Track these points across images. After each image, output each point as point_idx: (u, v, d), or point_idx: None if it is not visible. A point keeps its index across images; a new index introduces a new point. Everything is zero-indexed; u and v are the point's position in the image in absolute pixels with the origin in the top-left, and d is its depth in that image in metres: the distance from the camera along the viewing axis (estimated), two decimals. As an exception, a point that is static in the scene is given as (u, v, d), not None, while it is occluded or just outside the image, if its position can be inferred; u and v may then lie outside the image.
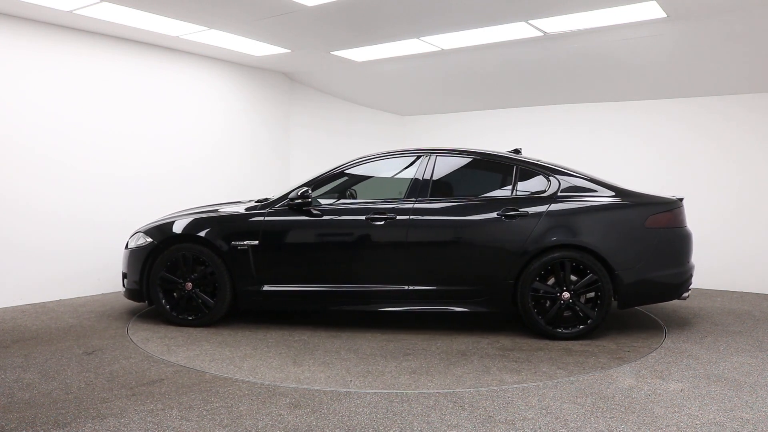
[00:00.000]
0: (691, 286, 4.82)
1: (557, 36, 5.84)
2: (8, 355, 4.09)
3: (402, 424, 2.97)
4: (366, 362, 4.02)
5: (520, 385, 3.53)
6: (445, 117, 9.13)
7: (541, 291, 4.57)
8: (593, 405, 3.21)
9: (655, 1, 4.84)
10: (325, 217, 4.88)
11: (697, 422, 2.99)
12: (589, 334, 4.58)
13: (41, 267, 5.82)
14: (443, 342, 4.52)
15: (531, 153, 5.68)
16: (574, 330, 4.56)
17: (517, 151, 5.34)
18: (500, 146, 6.13)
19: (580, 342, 4.48)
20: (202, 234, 4.96)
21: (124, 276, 5.23)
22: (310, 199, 4.87)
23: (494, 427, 2.93)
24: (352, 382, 3.60)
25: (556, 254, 4.55)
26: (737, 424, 2.96)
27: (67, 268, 6.02)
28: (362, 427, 2.92)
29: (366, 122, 9.24)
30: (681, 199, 4.80)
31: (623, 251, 4.54)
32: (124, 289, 5.26)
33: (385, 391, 3.44)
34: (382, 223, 4.75)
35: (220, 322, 5.07)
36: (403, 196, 4.86)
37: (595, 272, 4.51)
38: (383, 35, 6.05)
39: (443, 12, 5.28)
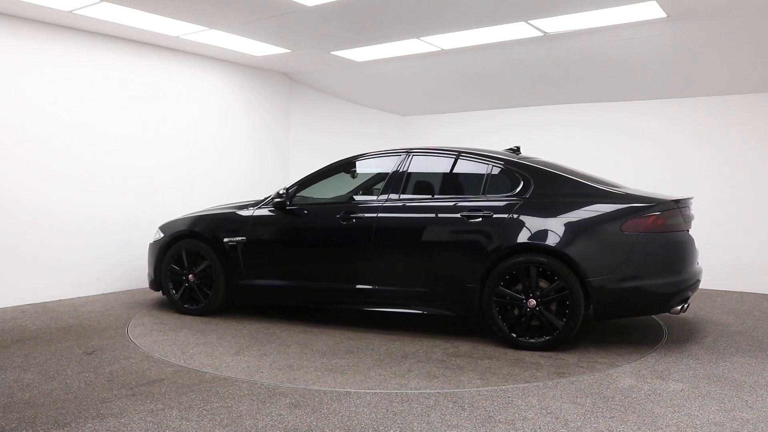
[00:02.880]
0: (689, 299, 4.33)
1: (557, 36, 5.85)
2: (8, 355, 4.09)
3: (402, 424, 2.97)
4: (300, 357, 4.12)
5: (520, 385, 3.53)
6: (445, 117, 9.12)
7: (507, 297, 4.28)
8: (593, 405, 3.21)
9: (655, 1, 4.85)
10: (302, 216, 5.05)
11: (697, 422, 2.99)
12: (558, 345, 4.21)
13: (41, 267, 5.82)
14: (401, 343, 4.47)
15: (531, 153, 5.67)
16: (539, 340, 4.22)
17: (515, 150, 5.16)
18: (500, 146, 6.12)
19: (542, 353, 4.16)
20: (201, 231, 5.34)
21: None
22: (283, 199, 5.08)
23: (494, 427, 2.93)
24: (264, 375, 3.72)
25: (521, 258, 4.24)
26: (737, 424, 2.96)
27: (67, 268, 6.02)
28: (362, 427, 2.92)
29: (366, 122, 9.24)
30: (678, 200, 4.34)
31: (596, 257, 4.12)
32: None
33: (386, 391, 3.44)
34: (353, 222, 4.78)
35: (221, 313, 5.42)
36: (376, 196, 4.87)
37: (563, 279, 4.13)
38: (383, 35, 6.05)
39: (443, 12, 5.28)
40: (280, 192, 5.13)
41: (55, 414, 3.07)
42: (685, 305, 4.27)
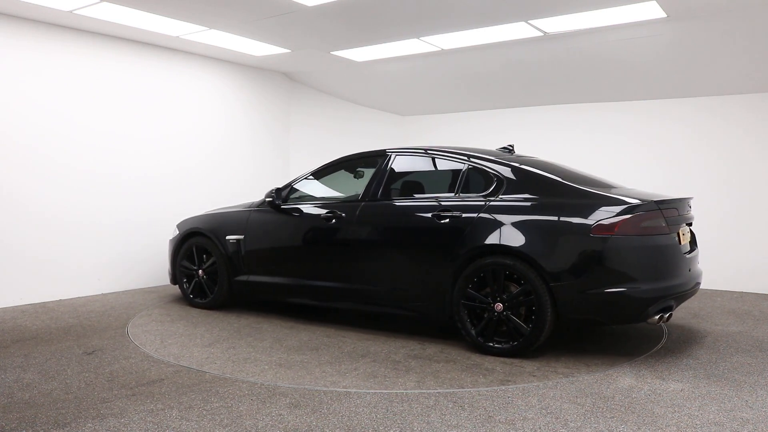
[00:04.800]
0: (672, 309, 4.04)
1: (557, 36, 5.85)
2: (8, 355, 4.09)
3: (402, 424, 2.97)
4: (262, 351, 4.25)
5: (520, 385, 3.53)
6: (445, 117, 9.13)
7: (476, 300, 4.15)
8: (593, 405, 3.21)
9: (655, 1, 4.84)
10: (291, 216, 5.16)
11: (697, 422, 2.99)
12: (524, 351, 4.03)
13: (41, 267, 5.82)
14: (372, 342, 4.49)
15: (532, 153, 5.67)
16: (505, 346, 4.06)
17: (508, 149, 5.05)
18: (499, 146, 6.12)
19: (504, 359, 4.01)
20: (208, 229, 5.61)
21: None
22: (272, 199, 5.23)
23: (494, 427, 2.93)
24: (214, 366, 3.89)
25: (488, 260, 4.11)
26: (737, 424, 2.96)
27: (67, 268, 6.02)
28: (362, 427, 2.92)
29: (366, 122, 9.24)
30: (660, 201, 4.06)
31: (561, 260, 3.92)
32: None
33: (386, 391, 3.44)
34: (334, 222, 4.84)
35: (228, 307, 5.71)
36: (359, 197, 4.88)
37: (529, 282, 3.96)
38: (383, 35, 6.05)
39: (443, 12, 5.28)
40: (271, 191, 5.28)
41: (55, 414, 3.07)
42: (666, 315, 3.98)
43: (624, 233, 3.85)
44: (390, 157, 4.91)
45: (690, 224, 4.58)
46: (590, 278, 3.87)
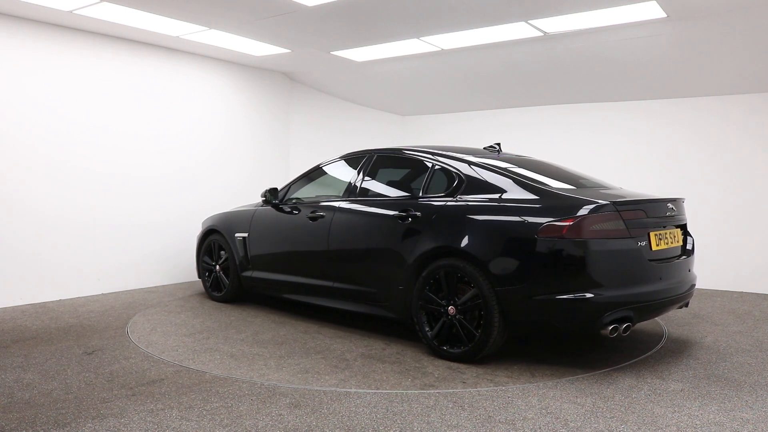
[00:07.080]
0: (632, 320, 3.70)
1: (557, 36, 5.84)
2: (8, 355, 4.09)
3: (402, 424, 2.97)
4: (229, 343, 4.43)
5: (521, 385, 3.53)
6: (445, 117, 9.13)
7: (433, 303, 4.06)
8: (593, 405, 3.21)
9: (655, 1, 4.84)
10: (285, 215, 5.35)
11: (697, 422, 2.99)
12: (475, 356, 3.89)
13: (41, 267, 5.82)
14: (342, 340, 4.54)
15: (531, 153, 5.66)
16: (457, 350, 3.95)
17: (495, 148, 4.93)
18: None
19: (450, 364, 3.92)
20: (222, 227, 5.93)
21: None
22: (267, 198, 5.49)
23: (494, 427, 2.93)
24: (174, 354, 4.11)
25: (441, 262, 4.03)
26: (737, 424, 2.96)
27: (67, 268, 6.02)
28: (362, 427, 2.92)
29: (366, 122, 9.24)
30: (619, 202, 3.74)
31: (508, 264, 3.74)
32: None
33: (386, 391, 3.44)
34: (315, 221, 4.96)
35: (241, 301, 6.02)
36: (338, 196, 4.97)
37: (478, 285, 3.81)
38: (383, 35, 6.05)
39: (443, 12, 5.28)
40: (266, 191, 5.53)
41: (55, 414, 3.07)
42: (622, 327, 3.67)
43: (573, 236, 3.57)
44: (370, 158, 4.95)
45: (681, 227, 4.30)
46: (537, 283, 3.66)
